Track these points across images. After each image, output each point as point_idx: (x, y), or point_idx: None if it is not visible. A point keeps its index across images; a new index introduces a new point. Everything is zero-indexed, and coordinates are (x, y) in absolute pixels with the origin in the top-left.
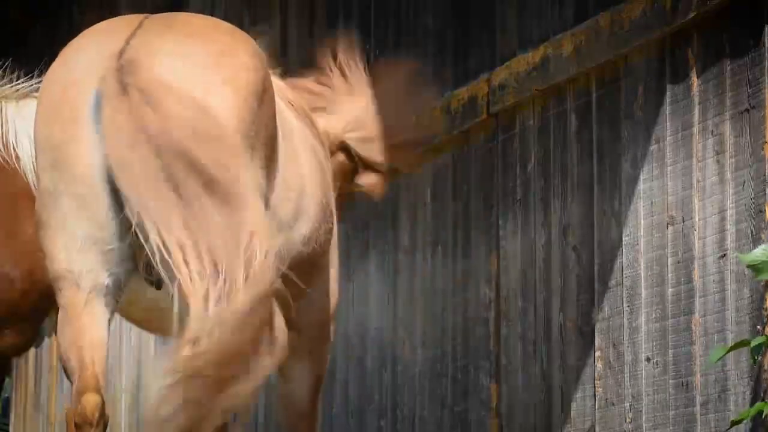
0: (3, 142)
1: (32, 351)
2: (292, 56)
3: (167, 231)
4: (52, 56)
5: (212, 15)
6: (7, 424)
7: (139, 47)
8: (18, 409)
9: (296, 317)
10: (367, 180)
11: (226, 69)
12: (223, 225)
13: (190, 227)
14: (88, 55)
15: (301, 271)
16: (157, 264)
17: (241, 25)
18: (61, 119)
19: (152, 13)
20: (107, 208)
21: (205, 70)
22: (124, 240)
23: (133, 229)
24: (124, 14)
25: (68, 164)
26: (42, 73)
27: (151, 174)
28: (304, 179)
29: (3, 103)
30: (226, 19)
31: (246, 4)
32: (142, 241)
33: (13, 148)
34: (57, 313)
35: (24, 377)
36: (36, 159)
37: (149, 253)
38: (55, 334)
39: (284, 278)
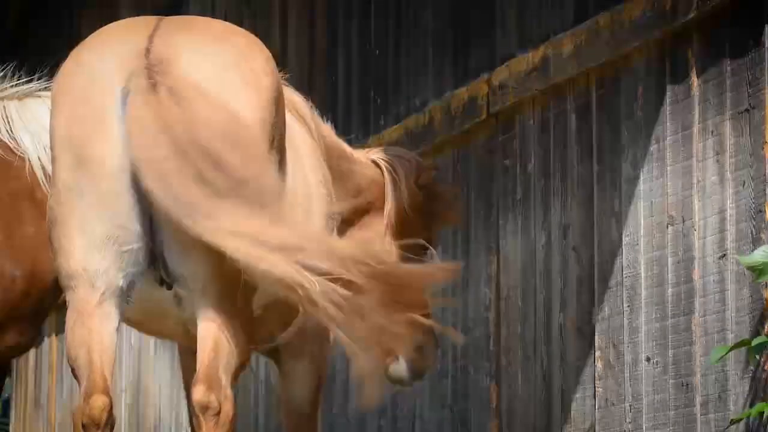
0: (6, 142)
1: (32, 351)
2: (292, 56)
3: (198, 227)
4: (53, 56)
5: (212, 15)
6: (7, 424)
7: (165, 46)
8: (18, 409)
9: (302, 319)
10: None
11: (248, 72)
12: (255, 222)
13: (224, 222)
14: (110, 52)
15: None
16: (173, 264)
17: (240, 25)
18: (86, 116)
19: (153, 13)
20: (129, 208)
21: (228, 71)
22: (143, 240)
23: (152, 230)
24: (124, 14)
25: (92, 161)
26: (42, 73)
27: (180, 173)
28: (310, 182)
29: (4, 103)
30: (226, 19)
31: (246, 4)
32: (163, 238)
33: (16, 148)
34: (57, 313)
35: (24, 377)
36: (54, 157)
37: (167, 253)
38: (56, 334)
39: None
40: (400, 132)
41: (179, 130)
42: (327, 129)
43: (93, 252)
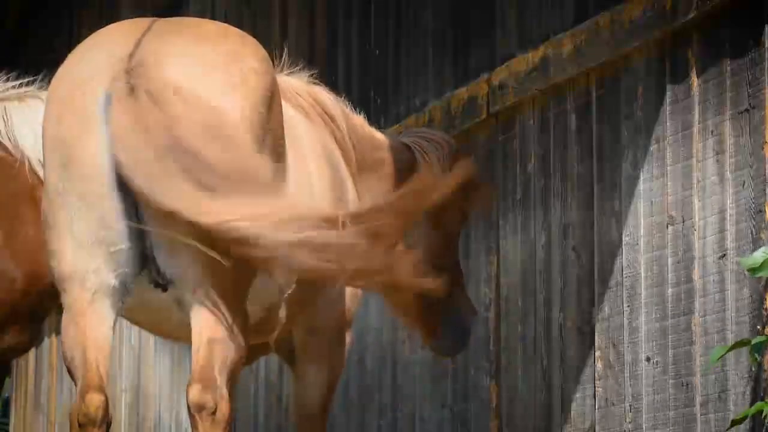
0: (5, 142)
1: (32, 351)
2: (292, 56)
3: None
4: (53, 57)
5: (212, 15)
6: (7, 424)
7: (148, 49)
8: (18, 409)
9: (313, 319)
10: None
11: (236, 72)
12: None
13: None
14: (98, 56)
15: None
16: (163, 265)
17: (240, 25)
18: (71, 118)
19: (153, 14)
20: (115, 208)
21: (214, 73)
22: (131, 241)
23: (141, 230)
24: (125, 14)
25: (77, 163)
26: (43, 73)
27: (166, 173)
28: (313, 183)
29: (4, 104)
30: (226, 18)
31: (246, 4)
32: (153, 239)
33: (16, 148)
34: (57, 313)
35: (24, 377)
36: (44, 158)
37: (157, 254)
38: (56, 334)
39: (299, 282)
40: (400, 132)
41: (158, 131)
42: (359, 120)
43: (82, 253)
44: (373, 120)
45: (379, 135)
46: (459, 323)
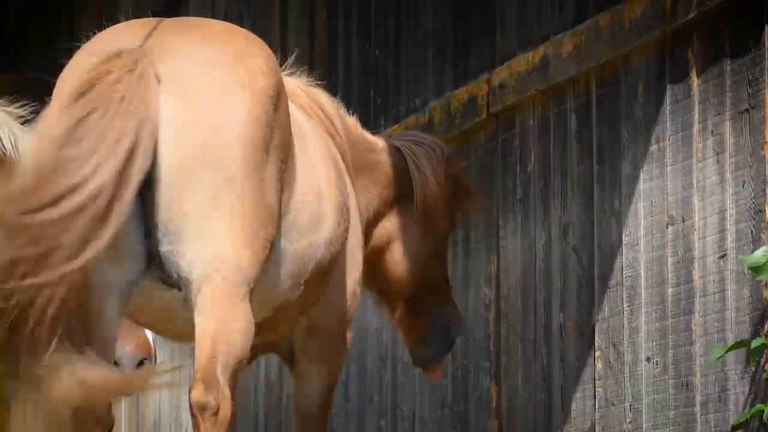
0: (4, 145)
1: None
2: (292, 56)
3: (182, 227)
4: (52, 56)
5: (212, 14)
6: None
7: (154, 47)
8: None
9: (314, 319)
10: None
11: (242, 71)
12: (235, 227)
13: (201, 226)
14: (102, 56)
15: (323, 273)
16: (169, 263)
17: (240, 26)
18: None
19: (153, 13)
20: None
21: (220, 71)
22: (139, 238)
23: (147, 230)
24: (125, 15)
25: None
26: (41, 75)
27: (167, 172)
28: (320, 181)
29: (10, 126)
30: (225, 18)
31: (246, 4)
32: (159, 238)
33: (15, 150)
34: None
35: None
36: None
37: (163, 253)
38: None
39: (307, 282)
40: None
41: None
42: (352, 122)
43: None
44: (373, 120)
45: (371, 137)
46: (442, 332)
